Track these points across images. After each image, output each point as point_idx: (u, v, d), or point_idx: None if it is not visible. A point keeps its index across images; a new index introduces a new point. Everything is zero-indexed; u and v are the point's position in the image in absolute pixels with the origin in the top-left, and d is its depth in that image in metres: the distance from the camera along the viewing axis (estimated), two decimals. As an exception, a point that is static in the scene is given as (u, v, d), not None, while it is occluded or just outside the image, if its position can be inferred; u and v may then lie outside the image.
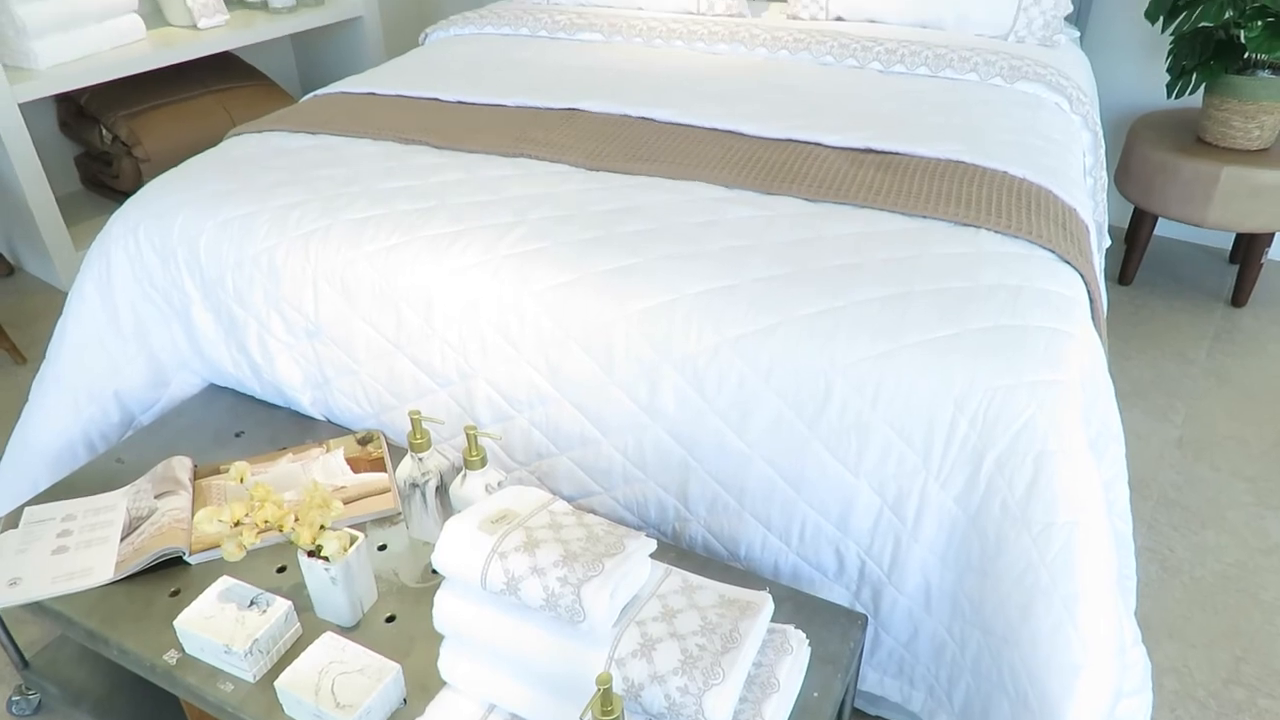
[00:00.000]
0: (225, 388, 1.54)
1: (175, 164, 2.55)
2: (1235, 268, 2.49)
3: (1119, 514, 1.20)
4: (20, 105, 2.21)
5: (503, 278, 1.25)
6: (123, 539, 1.18)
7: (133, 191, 2.61)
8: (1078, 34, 2.30)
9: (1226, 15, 1.99)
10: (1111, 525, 1.07)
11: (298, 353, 1.43)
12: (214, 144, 2.62)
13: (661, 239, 1.27)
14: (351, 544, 1.04)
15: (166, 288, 1.48)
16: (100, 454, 1.42)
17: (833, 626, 1.06)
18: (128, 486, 1.28)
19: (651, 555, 1.09)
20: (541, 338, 1.23)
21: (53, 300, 2.39)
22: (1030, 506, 1.03)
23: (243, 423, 1.45)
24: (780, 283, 1.17)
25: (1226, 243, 2.60)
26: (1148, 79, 2.51)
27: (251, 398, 1.51)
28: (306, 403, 1.46)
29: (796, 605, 1.08)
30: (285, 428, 1.44)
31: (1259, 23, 1.95)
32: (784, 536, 1.19)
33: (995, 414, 1.04)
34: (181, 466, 1.29)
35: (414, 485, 1.15)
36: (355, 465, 1.31)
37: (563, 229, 1.30)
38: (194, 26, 2.61)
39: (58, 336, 1.52)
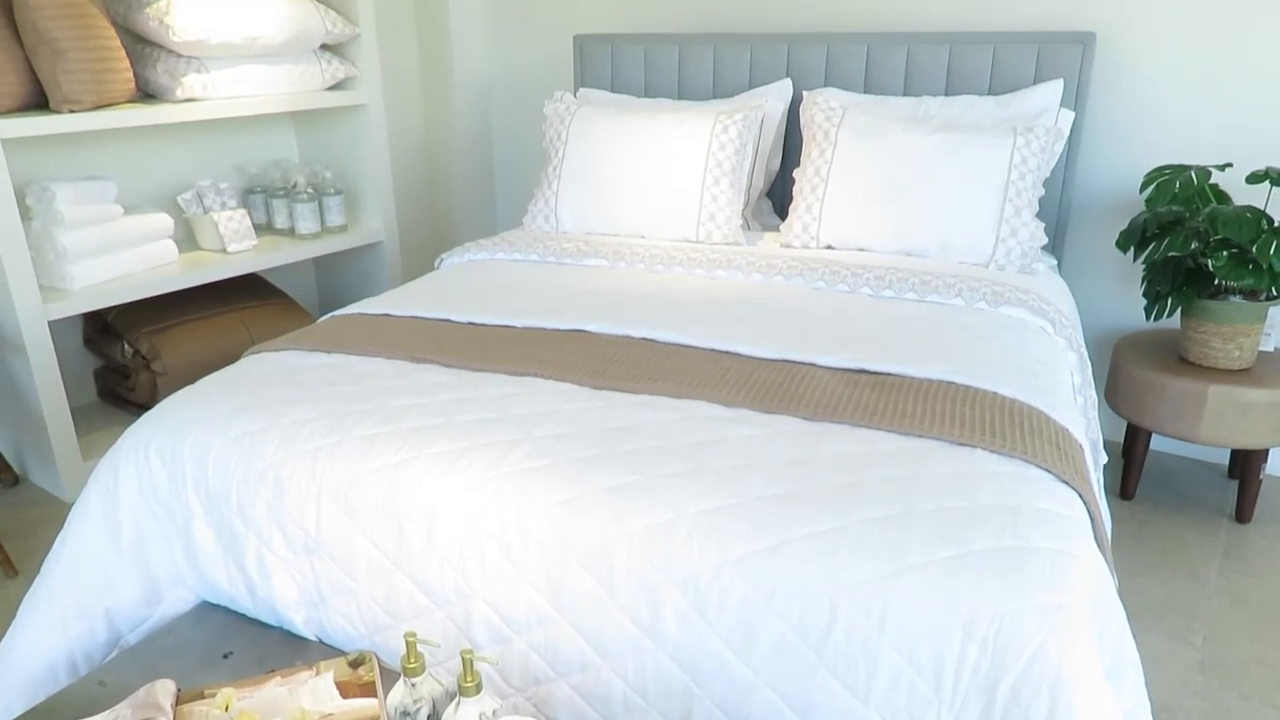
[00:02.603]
0: (217, 605, 1.51)
1: (192, 377, 2.64)
2: (1235, 483, 2.50)
3: (1145, 748, 1.14)
4: (49, 322, 2.32)
5: (506, 495, 1.26)
6: (94, 772, 1.12)
7: (147, 404, 2.67)
8: (1055, 262, 2.44)
9: (1193, 246, 2.12)
10: (1138, 762, 1.02)
11: (295, 569, 1.41)
12: (232, 359, 2.71)
13: (663, 457, 1.29)
14: (336, 780, 0.98)
15: (171, 503, 1.48)
16: (82, 676, 1.37)
17: None
18: (106, 713, 1.22)
19: (653, 794, 1.03)
20: (543, 556, 1.22)
21: (53, 512, 2.38)
22: (1050, 741, 0.98)
23: (232, 643, 1.41)
24: (781, 501, 1.18)
25: (1223, 457, 2.62)
26: (1126, 301, 2.63)
27: (243, 616, 1.48)
28: (300, 622, 1.43)
29: None
30: (275, 648, 1.40)
31: (1224, 253, 2.08)
32: (793, 772, 1.13)
33: (1005, 640, 1.01)
34: (164, 691, 1.24)
35: (405, 714, 1.11)
36: (345, 690, 1.26)
37: (565, 446, 1.33)
38: (224, 250, 2.78)
39: (56, 550, 1.51)
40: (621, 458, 1.29)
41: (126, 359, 2.66)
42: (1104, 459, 1.98)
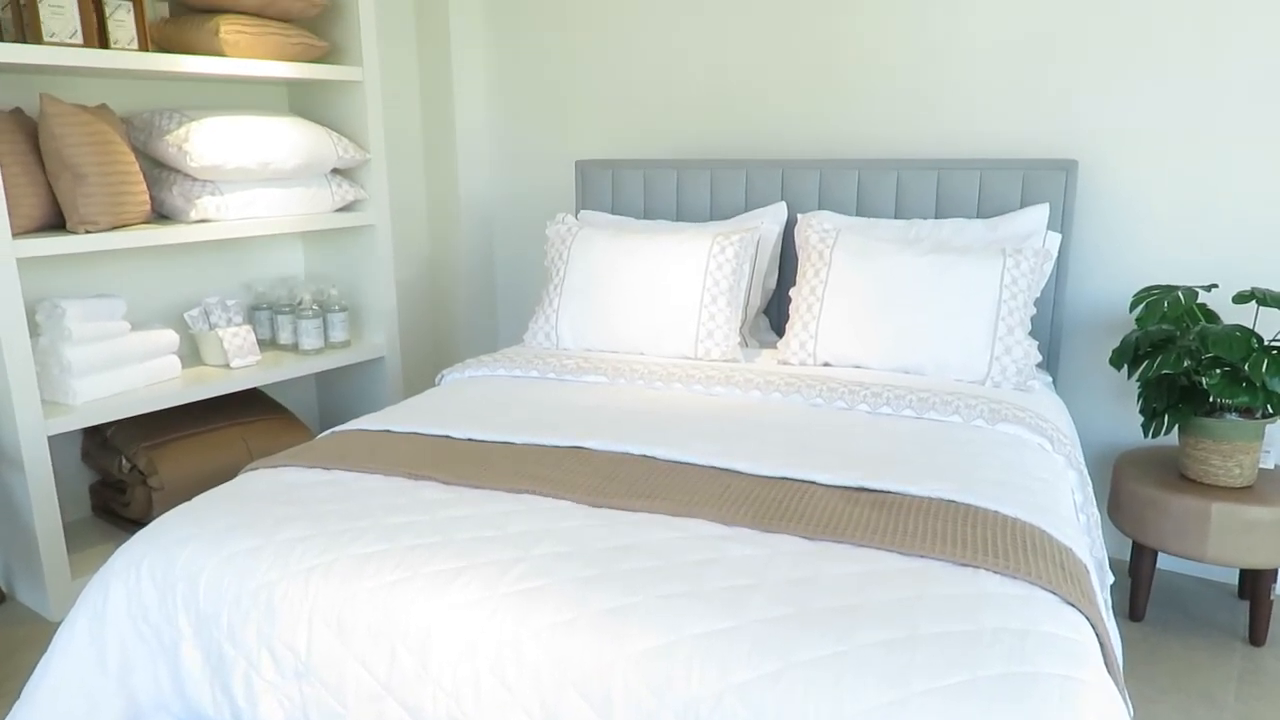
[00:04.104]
0: (201, 732, 1.46)
1: (189, 493, 2.62)
2: (1246, 603, 2.45)
3: None
4: (49, 436, 2.32)
5: (502, 616, 1.24)
6: None
7: (141, 520, 2.65)
8: (1050, 379, 2.47)
9: (1185, 364, 2.15)
10: None
11: (283, 694, 1.37)
12: (230, 475, 2.70)
13: (661, 577, 1.27)
14: None
15: (160, 624, 1.45)
16: (54, 810, 1.31)
17: None
18: None
19: None
20: (539, 681, 1.19)
21: (38, 632, 2.33)
22: None
23: (214, 774, 1.36)
24: (782, 624, 1.16)
25: (1232, 576, 2.58)
26: (1123, 418, 2.64)
27: (227, 744, 1.43)
28: (285, 751, 1.38)
29: None
30: (259, 780, 1.34)
31: (1217, 371, 2.10)
32: None
33: (1016, 773, 0.98)
34: (141, 827, 1.19)
35: None
36: (330, 826, 1.21)
37: (564, 566, 1.31)
38: (227, 366, 2.81)
39: (39, 673, 1.47)
40: (620, 577, 1.28)
41: (123, 474, 2.65)
42: (1110, 579, 1.95)
